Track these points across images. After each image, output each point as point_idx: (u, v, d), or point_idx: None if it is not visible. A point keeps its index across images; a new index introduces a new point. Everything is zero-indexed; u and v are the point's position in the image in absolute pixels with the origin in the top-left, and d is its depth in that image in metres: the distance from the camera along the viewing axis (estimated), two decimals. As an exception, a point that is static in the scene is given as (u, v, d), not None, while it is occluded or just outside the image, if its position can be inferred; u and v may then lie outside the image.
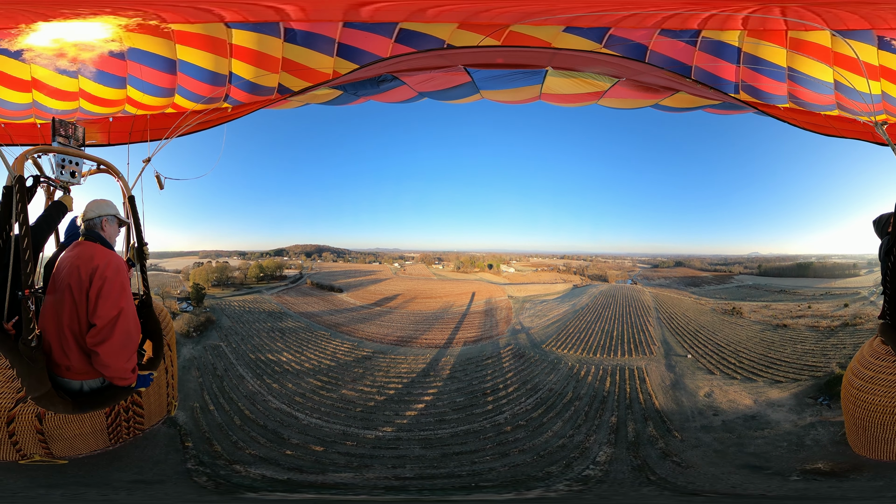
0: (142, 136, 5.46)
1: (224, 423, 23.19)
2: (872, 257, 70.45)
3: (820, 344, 38.18)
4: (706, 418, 25.52)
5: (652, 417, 24.42)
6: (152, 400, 3.95)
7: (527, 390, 29.02)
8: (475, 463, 18.91)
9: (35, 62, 4.78)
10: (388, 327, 47.31)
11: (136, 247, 4.28)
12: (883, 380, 3.51)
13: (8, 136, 5.54)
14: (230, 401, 27.21)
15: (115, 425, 3.65)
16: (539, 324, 48.48)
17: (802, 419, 25.29)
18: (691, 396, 28.81)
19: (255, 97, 5.22)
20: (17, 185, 3.17)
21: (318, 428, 23.25)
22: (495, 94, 5.86)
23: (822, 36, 4.68)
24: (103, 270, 3.26)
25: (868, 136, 5.28)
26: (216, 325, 44.19)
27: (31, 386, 3.06)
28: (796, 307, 49.35)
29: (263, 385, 30.47)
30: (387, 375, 32.52)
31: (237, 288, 60.01)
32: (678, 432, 22.30)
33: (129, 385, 3.48)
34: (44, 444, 3.30)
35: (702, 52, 5.01)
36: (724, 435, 21.64)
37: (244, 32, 4.81)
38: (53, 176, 3.89)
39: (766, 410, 26.83)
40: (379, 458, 19.92)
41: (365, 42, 4.81)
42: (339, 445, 20.60)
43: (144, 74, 4.97)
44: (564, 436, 20.23)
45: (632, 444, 19.97)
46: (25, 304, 3.03)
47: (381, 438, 21.77)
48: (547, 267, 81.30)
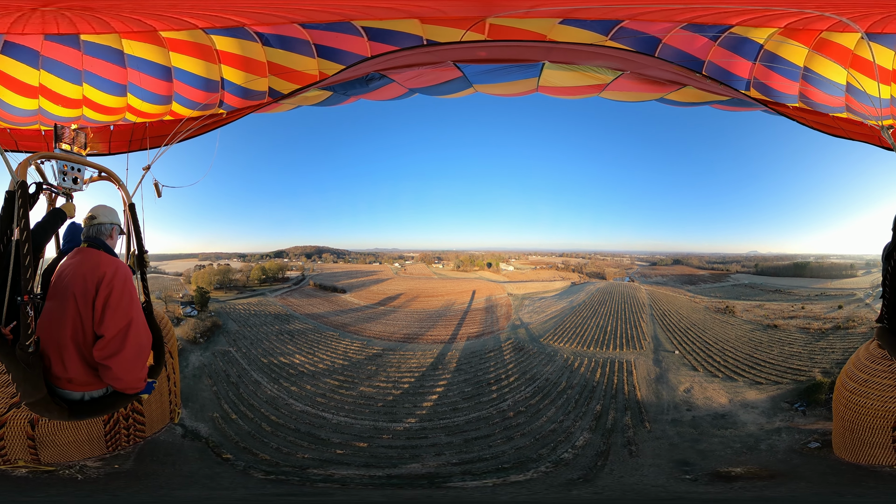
0: (141, 144, 5.56)
1: (253, 431, 24.21)
2: (871, 258, 65.74)
3: (808, 347, 38.55)
4: (679, 412, 27.17)
5: (631, 408, 26.52)
6: (154, 408, 3.90)
7: (526, 380, 31.76)
8: (490, 447, 21.84)
9: (45, 68, 4.87)
10: (394, 325, 49.01)
11: (136, 254, 4.35)
12: (877, 383, 3.50)
13: (13, 141, 5.64)
14: (251, 408, 28.04)
15: (113, 433, 3.60)
16: (537, 319, 50.67)
17: (771, 423, 25.80)
18: (671, 391, 30.67)
19: (247, 102, 5.35)
20: (19, 191, 3.21)
21: (349, 426, 24.91)
22: (489, 88, 5.83)
23: (849, 38, 4.62)
24: (111, 279, 3.25)
25: (874, 140, 5.31)
26: (223, 329, 44.33)
27: (25, 392, 3.05)
28: (790, 307, 49.99)
29: (282, 389, 31.28)
30: (399, 371, 34.64)
31: (240, 291, 60.93)
32: (649, 423, 24.64)
33: (137, 392, 3.50)
34: (32, 451, 3.24)
35: (721, 48, 4.96)
36: (687, 430, 23.56)
37: (225, 38, 4.92)
38: (56, 182, 3.95)
39: (737, 411, 27.75)
40: (418, 447, 22.12)
41: (338, 42, 4.86)
42: (378, 440, 22.57)
43: (143, 82, 5.10)
44: (556, 421, 23.27)
45: (607, 430, 22.50)
46: (24, 309, 3.03)
47: (410, 429, 24.07)
48: (546, 265, 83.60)
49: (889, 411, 3.45)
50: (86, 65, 4.91)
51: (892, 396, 3.47)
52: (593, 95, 5.81)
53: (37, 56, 4.77)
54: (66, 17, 4.37)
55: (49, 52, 4.78)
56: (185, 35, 4.81)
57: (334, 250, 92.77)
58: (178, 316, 46.94)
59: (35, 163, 3.73)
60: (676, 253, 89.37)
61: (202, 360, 36.43)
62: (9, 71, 4.79)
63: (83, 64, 4.90)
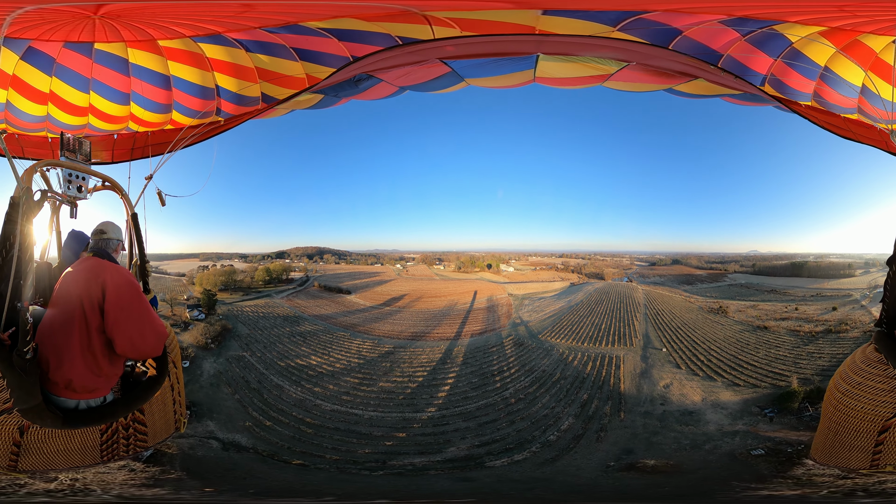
0: (143, 153, 5.75)
1: (296, 435, 25.64)
2: (871, 257, 69.84)
3: (795, 351, 39.14)
4: (653, 406, 29.55)
5: (613, 398, 29.55)
6: (157, 417, 3.91)
7: (525, 371, 35.16)
8: (498, 430, 24.73)
9: (57, 75, 4.97)
10: (401, 325, 51.47)
11: (138, 265, 4.45)
12: (871, 387, 3.54)
13: (20, 147, 5.76)
14: (281, 412, 29.17)
15: (111, 442, 3.61)
16: (536, 318, 53.67)
17: (733, 425, 27.80)
18: (652, 385, 32.92)
19: (243, 108, 5.49)
20: (23, 197, 3.29)
21: (381, 419, 27.19)
22: (483, 81, 5.86)
23: (879, 40, 4.60)
24: (119, 284, 3.45)
25: (881, 145, 5.33)
26: (233, 333, 44.55)
27: (19, 398, 3.10)
28: (783, 308, 50.62)
29: (305, 391, 32.70)
30: (411, 366, 37.40)
31: (245, 292, 61.24)
32: (624, 413, 27.44)
33: None
34: (13, 457, 3.24)
35: (747, 43, 4.89)
36: (653, 423, 26.36)
37: (212, 46, 5.04)
38: (61, 190, 4.04)
39: (707, 410, 29.61)
40: (445, 432, 24.64)
41: (313, 44, 4.95)
42: (412, 429, 25.19)
43: (145, 91, 5.25)
44: (549, 407, 27.18)
45: (588, 417, 25.75)
46: (24, 315, 3.09)
47: (433, 417, 27.00)
48: (545, 266, 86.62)
49: (878, 415, 3.51)
50: (94, 73, 5.13)
51: (883, 401, 3.52)
52: (596, 85, 5.86)
53: (52, 63, 4.98)
54: (93, 24, 4.56)
55: (64, 60, 5.00)
56: (178, 44, 5.04)
57: (335, 251, 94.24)
58: (186, 320, 46.75)
59: (41, 170, 3.88)
60: (677, 253, 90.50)
61: (217, 366, 37.02)
62: (24, 77, 5.02)
63: (92, 72, 5.12)
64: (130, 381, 3.76)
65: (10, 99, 5.10)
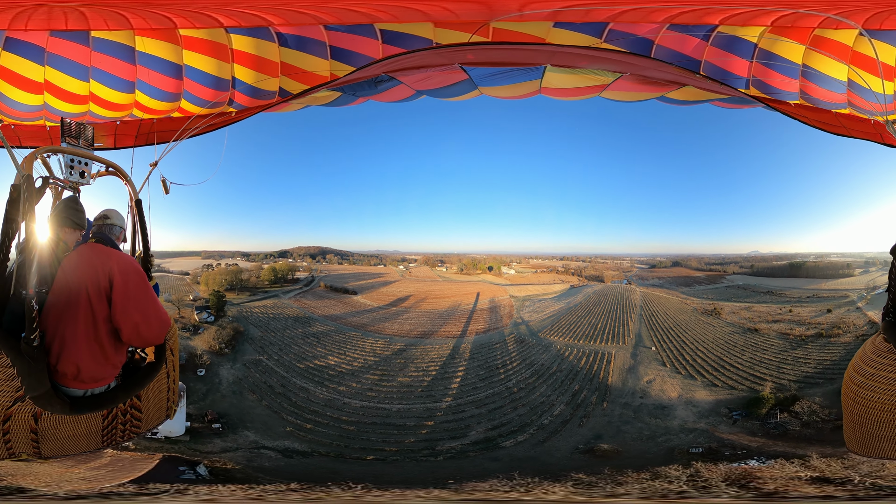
0: (146, 140, 5.84)
1: (339, 434, 27.61)
2: (871, 255, 71.73)
3: (781, 355, 40.15)
4: (633, 398, 32.34)
5: (600, 389, 33.07)
6: (152, 404, 4.05)
7: (525, 365, 38.81)
8: (505, 415, 28.37)
9: (50, 64, 5.01)
10: (410, 324, 54.46)
11: (142, 255, 4.50)
12: (883, 377, 3.59)
13: (17, 137, 5.85)
14: (315, 413, 30.85)
15: (111, 428, 3.73)
16: (537, 318, 57.09)
17: (695, 423, 29.67)
18: (637, 380, 35.46)
19: (257, 101, 5.64)
20: (24, 184, 3.32)
21: (407, 410, 30.20)
22: (494, 91, 6.18)
23: (846, 34, 4.75)
24: (125, 271, 3.52)
25: (876, 137, 5.51)
26: (246, 336, 45.11)
27: (30, 385, 3.22)
28: (777, 310, 51.76)
29: (331, 391, 34.27)
30: (424, 361, 40.56)
31: (252, 292, 62.61)
32: (607, 403, 30.95)
33: None
34: (35, 444, 3.39)
35: (714, 48, 5.12)
36: (628, 413, 29.46)
37: (243, 38, 5.24)
38: (63, 176, 4.07)
39: (679, 406, 31.43)
40: (463, 419, 27.78)
41: (353, 44, 5.20)
42: (436, 417, 28.31)
43: (152, 79, 5.34)
44: (545, 395, 31.44)
45: (577, 405, 29.45)
46: (30, 303, 3.16)
47: (451, 406, 30.42)
48: (546, 268, 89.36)
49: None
50: (94, 61, 5.12)
51: None
52: (594, 96, 6.10)
53: (41, 52, 4.95)
54: (78, 12, 4.57)
55: (55, 49, 4.99)
56: (202, 33, 5.13)
57: (337, 251, 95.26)
58: (195, 323, 46.79)
59: (41, 157, 3.90)
60: (677, 255, 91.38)
61: (235, 373, 37.44)
62: (11, 67, 5.00)
63: (91, 60, 5.12)
64: (130, 367, 3.94)
65: (1, 90, 5.18)
